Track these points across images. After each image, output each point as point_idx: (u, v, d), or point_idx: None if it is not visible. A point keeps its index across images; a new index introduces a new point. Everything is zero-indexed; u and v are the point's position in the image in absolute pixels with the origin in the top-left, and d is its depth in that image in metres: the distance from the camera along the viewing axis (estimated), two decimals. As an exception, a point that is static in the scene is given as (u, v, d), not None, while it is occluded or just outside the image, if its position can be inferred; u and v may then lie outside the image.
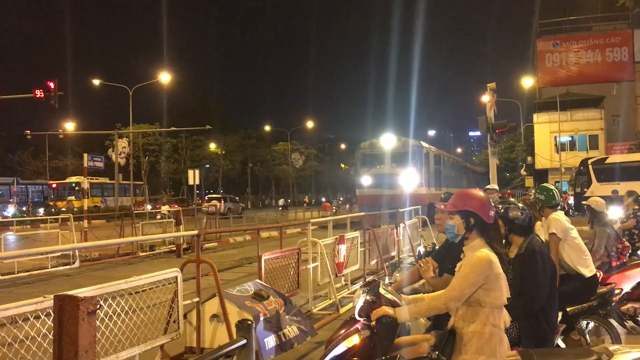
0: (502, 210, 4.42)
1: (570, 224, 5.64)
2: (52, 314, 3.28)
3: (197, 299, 5.38)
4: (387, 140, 28.67)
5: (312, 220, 9.12)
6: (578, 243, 5.52)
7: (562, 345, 4.70)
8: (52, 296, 3.33)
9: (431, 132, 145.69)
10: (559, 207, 5.86)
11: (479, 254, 3.31)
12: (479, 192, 3.54)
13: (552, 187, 5.98)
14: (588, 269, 5.43)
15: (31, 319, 3.71)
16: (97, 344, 3.64)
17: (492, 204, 3.49)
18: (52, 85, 23.98)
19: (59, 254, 14.59)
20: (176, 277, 5.01)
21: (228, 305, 5.20)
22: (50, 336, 3.41)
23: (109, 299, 4.23)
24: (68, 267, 14.49)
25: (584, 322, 5.50)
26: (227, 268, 13.90)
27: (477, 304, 3.31)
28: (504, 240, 4.53)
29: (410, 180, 27.04)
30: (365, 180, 28.59)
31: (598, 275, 5.68)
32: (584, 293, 5.38)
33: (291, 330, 5.46)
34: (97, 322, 3.50)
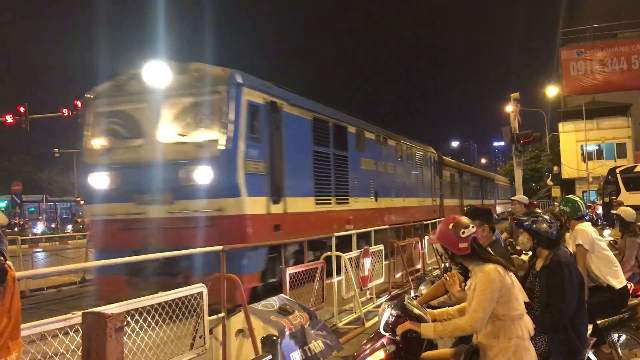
0: (529, 223, 4.36)
1: (598, 234, 5.55)
2: (81, 331, 3.33)
3: (222, 314, 5.40)
4: (154, 72, 9.96)
5: (335, 234, 9.09)
6: (607, 254, 5.42)
7: (594, 358, 4.61)
8: (80, 313, 3.38)
9: (454, 143, 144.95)
10: (587, 218, 5.77)
11: (486, 268, 3.31)
12: (451, 223, 3.49)
13: (577, 199, 5.89)
14: (618, 281, 5.33)
15: (60, 335, 3.76)
16: (125, 360, 3.67)
17: (465, 235, 3.42)
18: (79, 104, 24.47)
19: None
20: (202, 293, 5.04)
21: (253, 320, 5.20)
22: (79, 352, 3.45)
23: (136, 315, 4.27)
24: (96, 283, 14.65)
25: (615, 335, 5.38)
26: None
27: (496, 319, 3.29)
28: (530, 253, 4.48)
29: (213, 179, 9.48)
30: (99, 179, 10.36)
31: (629, 287, 5.57)
32: (615, 305, 5.27)
33: (317, 345, 5.44)
34: (124, 338, 3.54)
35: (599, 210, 29.75)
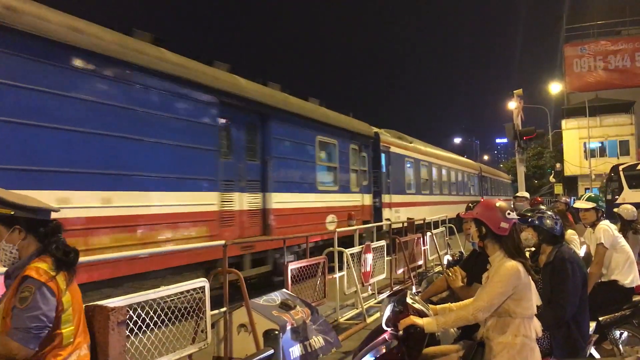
0: (534, 219, 4.39)
1: (618, 231, 5.68)
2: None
3: (224, 309, 5.40)
4: None
5: (337, 230, 9.08)
6: (627, 251, 5.51)
7: (596, 355, 4.62)
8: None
9: (457, 139, 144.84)
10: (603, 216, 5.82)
11: (507, 264, 3.29)
12: (497, 203, 3.51)
13: (599, 197, 6.02)
14: (629, 279, 5.40)
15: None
16: (127, 354, 3.68)
17: (510, 217, 3.41)
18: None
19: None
20: (204, 287, 5.04)
21: (255, 315, 5.20)
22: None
23: (138, 309, 4.27)
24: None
25: (617, 332, 5.39)
26: (254, 277, 13.91)
27: (507, 315, 3.27)
28: (533, 249, 4.48)
29: None
30: None
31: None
32: (619, 301, 5.29)
33: (317, 341, 5.44)
34: (127, 332, 3.54)
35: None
